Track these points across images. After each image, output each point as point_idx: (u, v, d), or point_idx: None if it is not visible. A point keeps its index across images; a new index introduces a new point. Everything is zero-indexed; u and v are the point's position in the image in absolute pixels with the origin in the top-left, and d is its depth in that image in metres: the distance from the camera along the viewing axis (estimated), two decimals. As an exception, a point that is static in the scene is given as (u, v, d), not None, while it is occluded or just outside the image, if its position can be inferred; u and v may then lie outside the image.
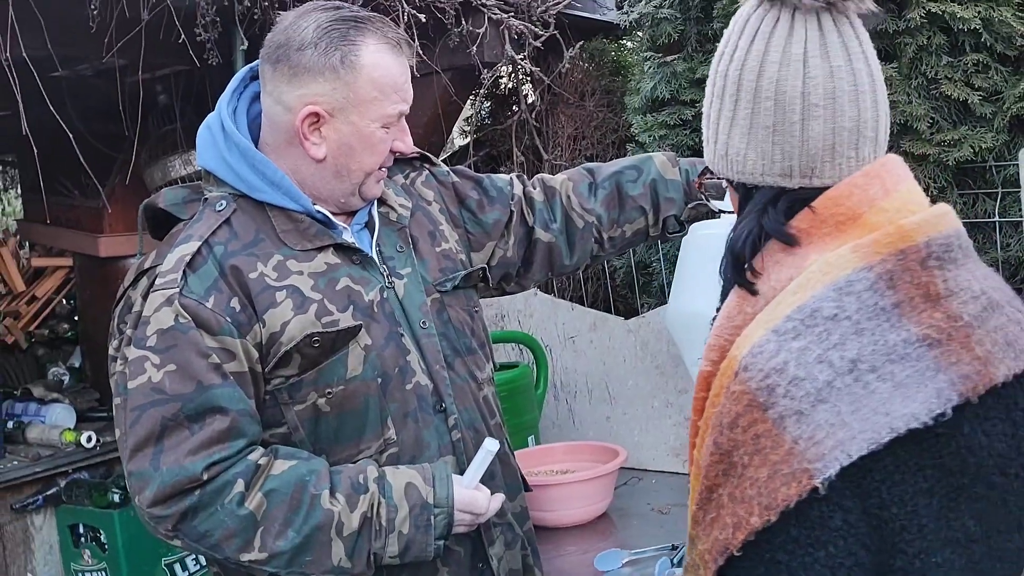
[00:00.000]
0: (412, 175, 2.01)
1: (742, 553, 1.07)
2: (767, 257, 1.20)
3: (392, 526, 1.67)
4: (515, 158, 3.90)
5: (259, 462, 1.65)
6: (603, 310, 3.22)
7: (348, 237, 1.79)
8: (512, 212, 2.06)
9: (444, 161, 2.29)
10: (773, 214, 1.21)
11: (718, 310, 1.25)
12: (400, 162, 1.95)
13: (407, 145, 1.81)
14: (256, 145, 1.77)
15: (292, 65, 1.69)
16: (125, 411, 1.64)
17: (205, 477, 1.60)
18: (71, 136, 2.85)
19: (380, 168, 1.79)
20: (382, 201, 1.88)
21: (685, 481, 2.76)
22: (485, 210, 2.04)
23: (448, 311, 1.88)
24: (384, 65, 1.72)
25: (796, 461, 1.04)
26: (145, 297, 1.66)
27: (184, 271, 1.65)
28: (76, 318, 4.65)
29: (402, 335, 1.78)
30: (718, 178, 1.32)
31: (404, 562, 1.69)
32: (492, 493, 1.79)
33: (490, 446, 1.77)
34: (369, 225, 1.85)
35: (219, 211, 1.73)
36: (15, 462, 3.60)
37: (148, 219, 1.82)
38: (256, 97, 1.81)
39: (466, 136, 4.44)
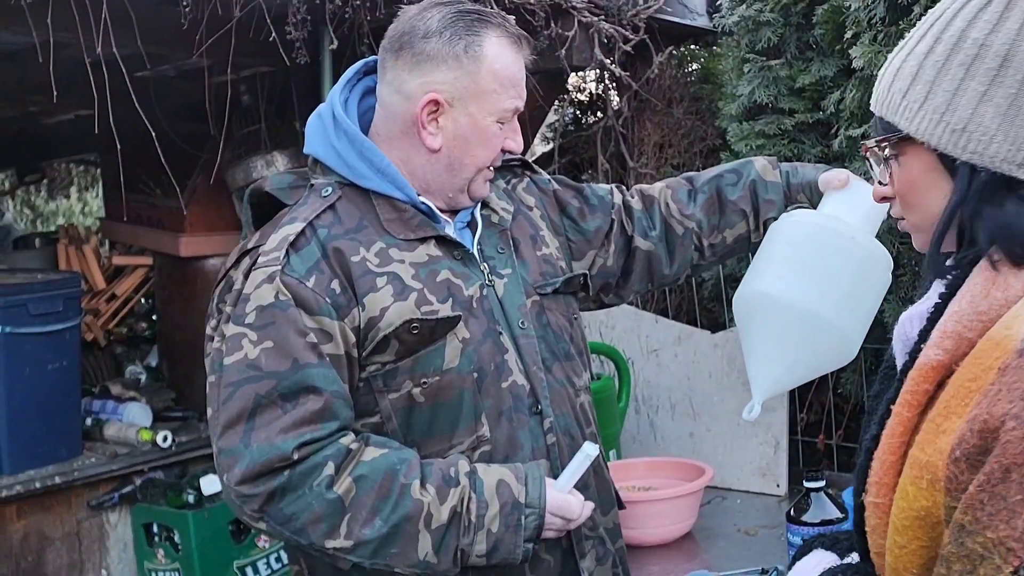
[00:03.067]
0: (513, 181, 2.00)
1: None
2: None
3: (481, 523, 1.63)
4: (599, 166, 3.83)
5: (350, 446, 1.62)
6: (688, 323, 3.14)
7: (450, 231, 1.78)
8: (613, 221, 2.05)
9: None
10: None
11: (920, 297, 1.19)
12: (501, 168, 1.94)
13: (518, 144, 1.80)
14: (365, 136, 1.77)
15: (416, 53, 1.70)
16: (219, 388, 1.62)
17: (295, 456, 1.58)
18: (154, 136, 2.85)
19: (489, 167, 1.78)
20: (484, 203, 1.87)
21: (772, 502, 2.71)
22: (586, 218, 2.03)
23: (547, 314, 1.86)
24: (505, 58, 1.73)
25: None
26: (246, 275, 1.66)
27: (287, 250, 1.65)
28: (154, 317, 4.67)
29: (500, 333, 1.76)
30: (884, 150, 1.25)
31: (491, 563, 1.65)
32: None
33: (589, 450, 1.73)
34: (471, 225, 1.84)
35: (324, 196, 1.73)
36: (92, 459, 3.62)
37: (252, 207, 1.82)
38: (367, 92, 1.82)
39: (548, 143, 4.39)
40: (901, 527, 1.10)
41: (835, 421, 2.94)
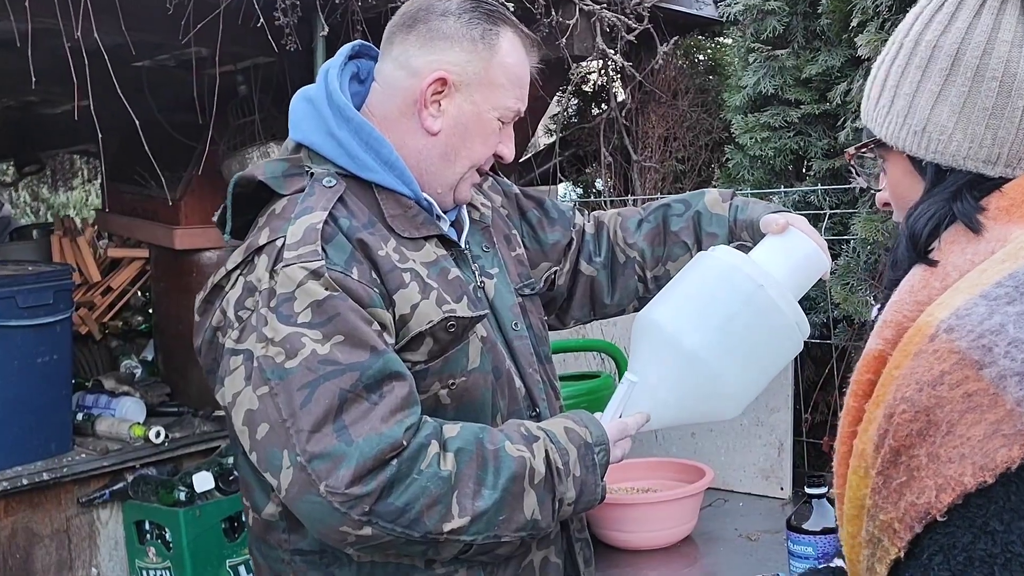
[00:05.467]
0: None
1: (946, 518, 0.99)
2: (959, 234, 1.16)
3: (567, 469, 1.59)
4: (602, 158, 3.76)
5: (435, 424, 1.55)
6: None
7: (445, 228, 1.72)
8: (572, 239, 2.00)
9: (530, 160, 2.23)
10: (969, 200, 1.16)
11: (885, 301, 1.18)
12: None
13: (510, 152, 1.74)
14: None
15: (431, 29, 1.65)
16: (286, 394, 1.47)
17: (405, 442, 1.47)
18: (138, 126, 2.79)
19: (478, 170, 1.73)
20: None
21: (775, 505, 2.64)
22: (545, 229, 1.99)
23: (530, 316, 1.81)
24: (517, 55, 1.70)
25: (1021, 422, 0.97)
26: (272, 273, 1.52)
27: (320, 242, 1.53)
28: (150, 311, 4.61)
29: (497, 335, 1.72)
30: (875, 157, 1.31)
31: (576, 510, 1.63)
32: None
33: (632, 376, 1.71)
34: (456, 224, 1.77)
35: (330, 187, 1.61)
36: (83, 455, 3.55)
37: (234, 196, 1.67)
38: (353, 77, 1.73)
39: (551, 135, 4.32)
40: (849, 517, 1.12)
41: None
